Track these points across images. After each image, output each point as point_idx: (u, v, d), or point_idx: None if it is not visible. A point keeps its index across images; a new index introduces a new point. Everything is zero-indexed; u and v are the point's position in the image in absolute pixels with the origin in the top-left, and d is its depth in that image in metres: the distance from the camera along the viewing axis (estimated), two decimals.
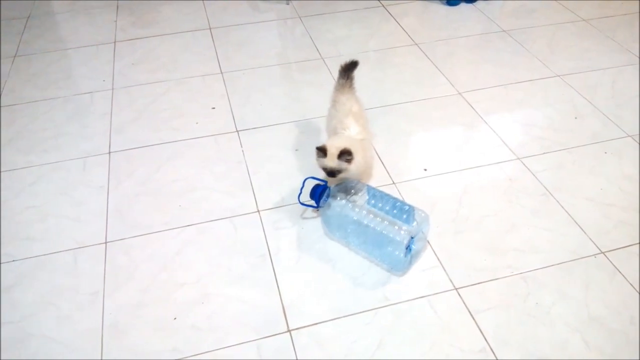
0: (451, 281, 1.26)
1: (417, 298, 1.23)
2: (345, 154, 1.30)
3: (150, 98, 1.88)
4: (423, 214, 1.29)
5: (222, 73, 2.00)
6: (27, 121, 1.79)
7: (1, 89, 1.94)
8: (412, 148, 1.68)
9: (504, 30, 2.22)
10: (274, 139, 1.69)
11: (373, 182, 1.52)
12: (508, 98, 1.86)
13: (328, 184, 1.36)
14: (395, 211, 1.29)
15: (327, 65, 2.02)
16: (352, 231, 1.30)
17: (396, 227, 1.24)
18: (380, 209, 1.30)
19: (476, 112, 1.79)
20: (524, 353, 1.12)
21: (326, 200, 1.34)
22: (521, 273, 1.28)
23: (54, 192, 1.53)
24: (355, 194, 1.32)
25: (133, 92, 1.91)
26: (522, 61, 2.04)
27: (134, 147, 1.67)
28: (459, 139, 1.70)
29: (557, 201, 1.46)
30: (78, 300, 1.24)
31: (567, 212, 1.43)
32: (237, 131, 1.73)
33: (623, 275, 1.27)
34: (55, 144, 1.69)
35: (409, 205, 1.29)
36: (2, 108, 1.86)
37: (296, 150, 1.65)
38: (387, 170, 1.56)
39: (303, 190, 1.41)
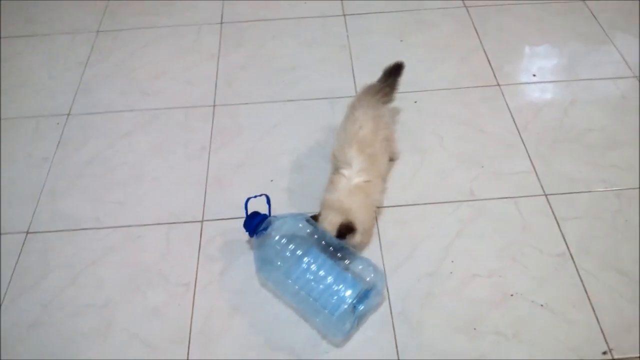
0: (542, 187, 1.26)
1: (503, 198, 1.24)
2: (344, 232, 1.06)
3: None
4: (374, 271, 1.06)
5: None
6: None
7: None
8: (523, 52, 1.61)
9: None
10: (379, 27, 1.68)
11: (476, 81, 1.49)
12: (637, 10, 1.70)
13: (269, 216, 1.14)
14: (338, 280, 1.03)
15: None
16: (286, 288, 1.09)
17: (335, 297, 1.02)
18: (323, 273, 1.04)
19: (598, 22, 1.66)
20: (603, 263, 1.13)
21: (264, 232, 1.11)
22: (615, 190, 1.25)
23: (168, 54, 1.63)
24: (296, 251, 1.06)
25: None
26: None
27: (243, 21, 1.72)
28: (576, 48, 1.60)
29: None
30: (187, 153, 1.36)
31: None
32: (344, 15, 1.72)
33: None
34: (170, 10, 1.77)
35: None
36: None
37: (401, 40, 1.63)
38: (493, 72, 1.52)
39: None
